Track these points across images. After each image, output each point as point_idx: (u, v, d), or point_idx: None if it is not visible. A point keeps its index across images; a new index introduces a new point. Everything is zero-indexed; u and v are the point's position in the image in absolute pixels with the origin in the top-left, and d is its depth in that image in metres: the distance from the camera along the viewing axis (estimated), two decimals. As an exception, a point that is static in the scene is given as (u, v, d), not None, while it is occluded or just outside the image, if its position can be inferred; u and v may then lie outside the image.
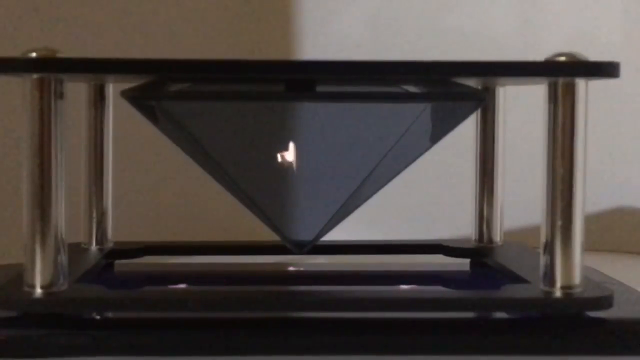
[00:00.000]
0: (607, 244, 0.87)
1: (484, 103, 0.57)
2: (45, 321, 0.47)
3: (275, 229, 0.52)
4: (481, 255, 0.61)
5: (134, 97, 0.51)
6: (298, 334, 0.47)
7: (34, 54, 0.46)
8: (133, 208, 0.86)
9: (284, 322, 0.48)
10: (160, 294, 0.52)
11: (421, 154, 0.52)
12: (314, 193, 0.52)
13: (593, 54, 0.48)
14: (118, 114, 0.60)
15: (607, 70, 0.48)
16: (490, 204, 0.62)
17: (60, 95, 0.47)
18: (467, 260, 0.62)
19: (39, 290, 0.47)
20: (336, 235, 0.54)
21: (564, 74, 0.48)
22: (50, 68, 0.47)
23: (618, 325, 0.48)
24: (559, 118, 0.48)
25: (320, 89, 0.50)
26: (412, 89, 0.51)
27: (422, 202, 0.92)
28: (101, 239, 0.61)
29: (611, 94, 0.86)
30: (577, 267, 0.48)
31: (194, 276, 0.59)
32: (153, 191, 0.89)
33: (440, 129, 0.52)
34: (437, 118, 0.52)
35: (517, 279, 0.52)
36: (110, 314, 0.49)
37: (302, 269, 0.61)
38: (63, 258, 0.48)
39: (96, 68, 0.49)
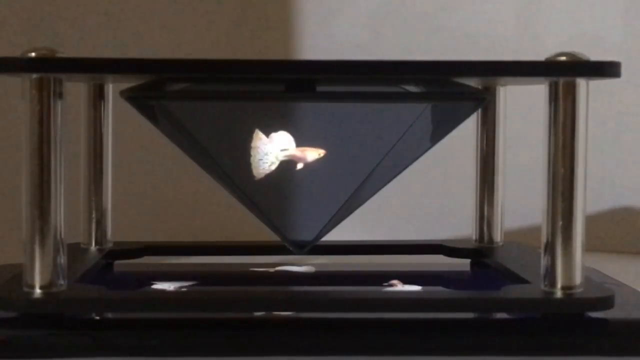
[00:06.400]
0: (607, 244, 0.87)
1: (484, 103, 0.57)
2: (45, 321, 0.47)
3: (275, 229, 0.52)
4: (481, 255, 0.61)
5: (133, 97, 0.50)
6: (298, 334, 0.47)
7: (33, 54, 0.46)
8: (133, 208, 0.86)
9: (284, 322, 0.48)
10: (160, 294, 0.52)
11: (421, 154, 0.52)
12: (314, 193, 0.52)
13: (593, 54, 0.48)
14: (118, 114, 0.60)
15: (608, 70, 0.48)
16: (491, 204, 0.62)
17: (60, 95, 0.47)
18: (468, 261, 0.62)
19: (38, 291, 0.47)
20: (336, 235, 0.54)
21: (564, 73, 0.47)
22: (50, 68, 0.46)
23: (619, 325, 0.47)
24: (560, 118, 0.48)
25: (320, 89, 0.50)
26: (412, 89, 0.51)
27: (422, 202, 0.92)
28: (101, 239, 0.60)
29: (612, 93, 0.86)
30: (578, 268, 0.48)
31: (194, 276, 0.58)
32: (153, 191, 0.89)
33: (440, 129, 0.52)
34: (437, 118, 0.51)
35: (518, 280, 0.52)
36: (109, 314, 0.49)
37: (302, 269, 0.61)
38: (62, 258, 0.48)
39: (96, 68, 0.49)
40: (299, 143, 0.51)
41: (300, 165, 0.51)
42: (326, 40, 0.93)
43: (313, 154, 0.51)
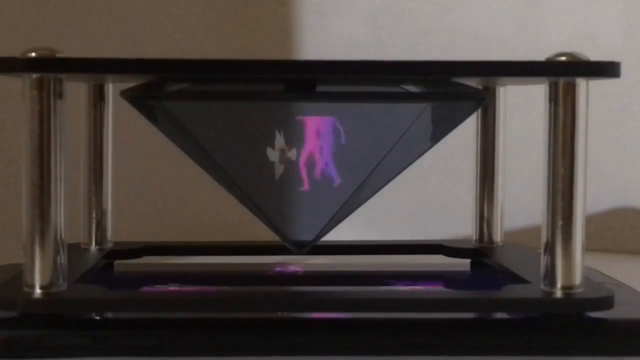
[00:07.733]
0: (607, 244, 0.87)
1: (484, 103, 0.57)
2: (45, 321, 0.47)
3: (275, 229, 0.52)
4: (481, 255, 0.61)
5: (133, 97, 0.50)
6: (298, 334, 0.47)
7: (33, 54, 0.46)
8: (133, 208, 0.86)
9: (284, 322, 0.48)
10: (160, 294, 0.52)
11: (421, 154, 0.52)
12: (314, 193, 0.52)
13: (593, 54, 0.48)
14: (118, 114, 0.60)
15: (607, 70, 0.48)
16: (491, 204, 0.62)
17: (60, 95, 0.47)
18: (468, 261, 0.62)
19: (38, 291, 0.47)
20: (336, 235, 0.54)
21: (564, 73, 0.48)
22: (50, 68, 0.46)
23: (619, 325, 0.47)
24: (560, 118, 0.48)
25: (320, 89, 0.50)
26: (412, 89, 0.51)
27: (422, 202, 0.92)
28: (101, 239, 0.60)
29: (611, 93, 0.86)
30: (578, 268, 0.48)
31: (194, 276, 0.59)
32: (153, 191, 0.89)
33: (440, 129, 0.52)
34: (437, 118, 0.51)
35: (518, 279, 0.52)
36: (109, 314, 0.49)
37: (302, 269, 0.61)
38: (62, 258, 0.48)
39: (96, 68, 0.49)
40: (299, 143, 0.51)
41: (300, 165, 0.51)
42: (326, 40, 0.93)
43: (312, 153, 0.51)
